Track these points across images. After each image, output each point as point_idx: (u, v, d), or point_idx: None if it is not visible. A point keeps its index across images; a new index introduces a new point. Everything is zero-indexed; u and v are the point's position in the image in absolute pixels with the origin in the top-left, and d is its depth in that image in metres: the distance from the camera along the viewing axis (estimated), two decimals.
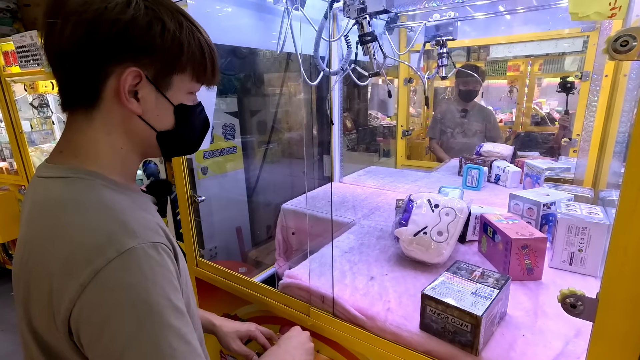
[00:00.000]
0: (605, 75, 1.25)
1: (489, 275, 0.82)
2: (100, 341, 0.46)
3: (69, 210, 0.51)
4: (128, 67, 0.52)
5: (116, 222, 0.49)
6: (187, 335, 0.50)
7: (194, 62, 0.57)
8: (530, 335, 0.75)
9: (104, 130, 0.56)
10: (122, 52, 0.51)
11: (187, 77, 0.58)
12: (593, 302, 0.53)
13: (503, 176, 1.70)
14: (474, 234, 1.16)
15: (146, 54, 0.53)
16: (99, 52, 0.51)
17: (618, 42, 0.45)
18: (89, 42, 0.50)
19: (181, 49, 0.55)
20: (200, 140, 0.68)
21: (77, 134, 0.56)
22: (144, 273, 0.47)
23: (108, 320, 0.45)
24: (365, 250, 1.15)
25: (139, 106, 0.55)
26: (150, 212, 0.60)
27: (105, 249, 0.47)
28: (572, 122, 2.02)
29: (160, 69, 0.55)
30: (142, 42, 0.52)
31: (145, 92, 0.55)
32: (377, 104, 3.79)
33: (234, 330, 0.90)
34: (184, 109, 0.60)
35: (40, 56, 2.08)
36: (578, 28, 1.71)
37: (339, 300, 0.90)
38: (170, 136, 0.60)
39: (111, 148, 0.57)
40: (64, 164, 0.55)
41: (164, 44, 0.53)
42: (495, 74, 3.47)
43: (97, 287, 0.45)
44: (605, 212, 0.98)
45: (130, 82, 0.53)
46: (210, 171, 2.12)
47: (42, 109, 2.81)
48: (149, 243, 0.49)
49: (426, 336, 0.77)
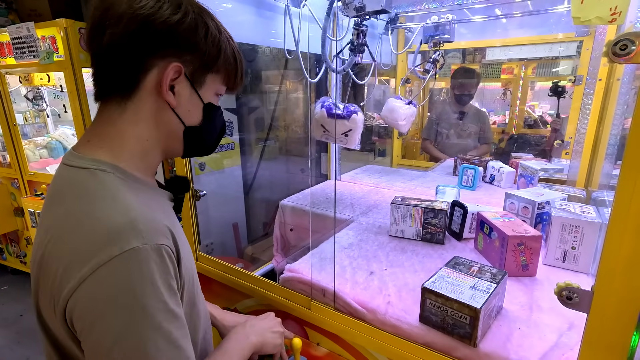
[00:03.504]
0: (599, 79, 1.29)
1: (486, 270, 0.84)
2: (91, 335, 0.47)
3: (84, 201, 0.52)
4: (171, 62, 0.56)
5: (125, 219, 0.50)
6: (178, 340, 0.50)
7: (227, 65, 0.62)
8: (526, 328, 0.78)
9: (134, 120, 0.58)
10: (169, 48, 0.56)
11: (219, 78, 0.63)
12: (588, 295, 0.56)
13: (498, 176, 1.73)
14: (470, 231, 1.18)
15: (189, 51, 0.57)
16: (148, 45, 0.55)
17: (617, 46, 0.47)
18: (141, 36, 0.54)
19: (219, 52, 0.60)
20: (218, 142, 0.71)
21: (106, 125, 0.58)
22: (142, 274, 0.48)
23: (100, 316, 0.47)
24: (364, 246, 1.17)
25: (174, 99, 0.58)
26: (164, 210, 0.61)
27: (109, 245, 0.48)
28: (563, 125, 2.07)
29: (198, 68, 0.59)
30: (187, 41, 0.56)
31: (182, 87, 0.59)
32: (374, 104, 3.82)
33: (235, 324, 0.90)
34: (211, 108, 0.64)
35: (36, 48, 2.05)
36: (572, 33, 1.75)
37: (340, 294, 0.91)
38: (196, 132, 0.63)
39: (136, 139, 0.58)
40: (88, 154, 0.56)
41: (207, 45, 0.58)
42: (489, 77, 3.52)
43: (95, 282, 0.46)
44: (598, 211, 1.01)
45: (171, 75, 0.56)
46: (207, 167, 2.12)
47: (37, 101, 2.77)
48: (153, 244, 0.50)
49: (426, 328, 0.79)
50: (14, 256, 2.86)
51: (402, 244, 1.18)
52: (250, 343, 0.75)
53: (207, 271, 1.21)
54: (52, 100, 2.90)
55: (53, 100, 2.90)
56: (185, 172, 1.18)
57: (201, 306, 0.67)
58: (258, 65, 2.43)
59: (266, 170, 2.51)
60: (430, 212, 1.17)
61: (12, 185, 2.65)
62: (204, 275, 1.23)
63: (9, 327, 2.35)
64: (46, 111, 2.95)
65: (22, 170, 2.52)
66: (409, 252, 1.13)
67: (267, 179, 2.53)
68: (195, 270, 0.66)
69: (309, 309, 0.96)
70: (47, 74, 2.54)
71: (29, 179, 2.51)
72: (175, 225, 0.60)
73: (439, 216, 1.16)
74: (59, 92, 2.63)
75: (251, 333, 0.77)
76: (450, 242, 1.20)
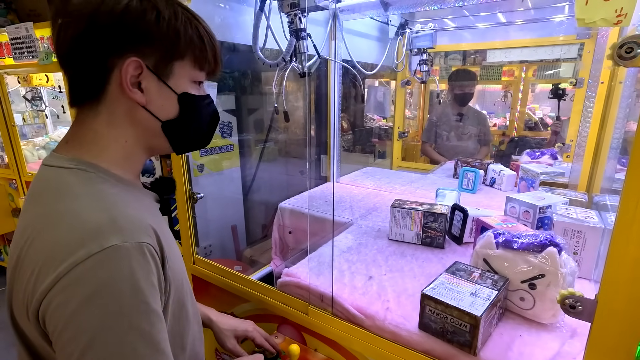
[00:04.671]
0: (601, 82, 1.28)
1: (487, 277, 0.83)
2: (64, 334, 0.45)
3: (63, 200, 0.51)
4: (128, 57, 0.52)
5: (105, 216, 0.49)
6: (158, 343, 0.49)
7: (194, 48, 0.57)
8: (527, 336, 0.76)
9: (109, 123, 0.56)
10: (121, 43, 0.52)
11: (188, 64, 0.58)
12: (592, 303, 0.54)
13: (498, 179, 1.72)
14: (470, 235, 1.17)
15: (144, 42, 0.53)
16: (100, 45, 0.52)
17: (623, 49, 0.46)
18: (90, 37, 0.51)
19: (177, 35, 0.55)
20: (210, 132, 0.67)
21: (83, 127, 0.57)
22: (121, 272, 0.46)
23: (75, 314, 0.44)
24: (363, 250, 1.16)
25: (142, 96, 0.55)
26: (148, 210, 0.60)
27: (88, 242, 0.46)
28: (564, 127, 2.06)
29: (160, 57, 0.55)
30: (137, 31, 0.52)
31: (148, 81, 0.55)
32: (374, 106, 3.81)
33: (231, 328, 0.89)
34: (188, 97, 0.60)
35: (35, 48, 2.04)
36: (573, 35, 1.74)
37: (338, 299, 0.90)
38: (176, 125, 0.60)
39: (115, 142, 0.57)
40: (68, 155, 0.55)
41: (160, 30, 0.53)
42: (490, 79, 3.51)
43: (71, 279, 0.45)
44: (600, 216, 1.00)
45: (131, 72, 0.53)
46: (206, 169, 2.11)
47: (35, 102, 2.76)
48: (134, 242, 0.48)
49: (425, 336, 0.78)
50: None
51: (401, 248, 1.17)
52: None
53: (204, 275, 1.20)
54: (50, 100, 2.89)
55: (52, 101, 2.90)
56: (182, 173, 1.17)
57: (190, 308, 0.65)
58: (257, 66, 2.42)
59: (265, 172, 2.50)
60: (430, 216, 1.15)
61: (10, 185, 2.64)
62: (202, 279, 1.21)
63: (7, 330, 2.32)
64: (45, 112, 2.95)
65: (20, 171, 2.51)
66: (408, 256, 1.11)
67: (266, 181, 2.52)
68: (185, 272, 0.65)
69: (307, 314, 0.94)
70: (46, 75, 2.54)
71: (27, 179, 2.50)
72: (161, 226, 0.58)
73: (439, 220, 1.15)
74: (58, 93, 2.62)
75: None
76: (451, 246, 1.18)
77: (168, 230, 0.63)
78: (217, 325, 0.88)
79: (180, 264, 0.63)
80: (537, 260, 0.78)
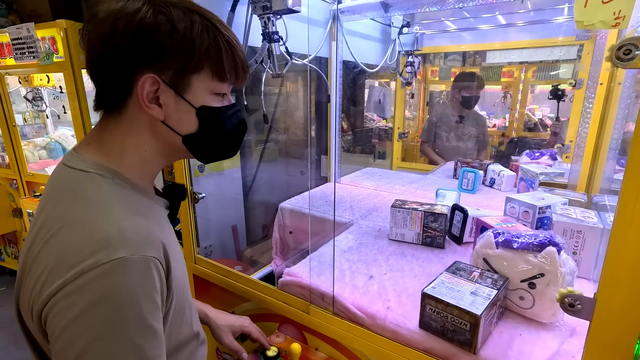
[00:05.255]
0: (600, 83, 1.29)
1: (487, 276, 0.83)
2: (60, 339, 0.46)
3: (79, 205, 0.51)
4: (145, 73, 0.53)
5: (116, 227, 0.49)
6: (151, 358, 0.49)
7: (211, 60, 0.56)
8: (527, 335, 0.77)
9: (130, 132, 0.57)
10: (137, 60, 0.53)
11: (207, 76, 0.57)
12: (591, 302, 0.55)
13: (498, 180, 1.73)
14: (470, 235, 1.18)
15: (159, 58, 0.53)
16: (117, 63, 0.53)
17: (621, 51, 0.47)
18: (108, 55, 0.52)
19: (192, 48, 0.53)
20: (237, 142, 0.66)
21: (104, 132, 0.58)
22: (124, 286, 0.47)
23: (74, 321, 0.45)
24: (363, 250, 1.17)
25: (160, 112, 0.56)
26: (158, 219, 0.60)
27: (97, 252, 0.47)
28: (563, 128, 2.07)
29: (176, 72, 0.54)
30: (151, 47, 0.52)
31: (166, 96, 0.55)
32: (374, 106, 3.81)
33: (228, 324, 0.90)
34: (207, 111, 0.59)
35: (36, 49, 2.05)
36: (573, 37, 1.75)
37: (339, 299, 0.90)
38: (197, 139, 0.59)
39: (135, 149, 0.58)
40: (89, 157, 0.56)
41: (174, 45, 0.52)
42: (489, 80, 3.52)
43: (76, 287, 0.45)
44: (599, 216, 1.01)
45: (148, 88, 0.53)
46: (207, 169, 2.12)
47: (36, 102, 2.76)
48: (141, 256, 0.49)
49: (425, 334, 0.78)
50: (12, 257, 2.84)
51: (402, 248, 1.17)
52: None
53: (205, 274, 1.20)
54: (51, 101, 2.89)
55: (53, 101, 2.90)
56: (184, 174, 1.17)
57: (188, 313, 0.66)
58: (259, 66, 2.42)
59: (266, 172, 2.51)
60: (431, 216, 1.16)
61: (10, 186, 2.64)
62: (202, 279, 1.22)
63: (7, 329, 2.34)
64: (46, 112, 2.95)
65: (21, 171, 2.51)
66: (408, 256, 1.12)
67: (267, 181, 2.53)
68: (187, 279, 0.65)
69: (308, 314, 0.95)
70: (47, 75, 2.54)
71: (28, 179, 2.51)
72: (169, 235, 0.59)
73: (439, 220, 1.15)
74: (59, 93, 2.63)
75: None
76: (451, 246, 1.19)
77: (174, 238, 0.63)
78: (214, 321, 0.89)
79: (183, 272, 0.64)
80: (536, 260, 0.79)
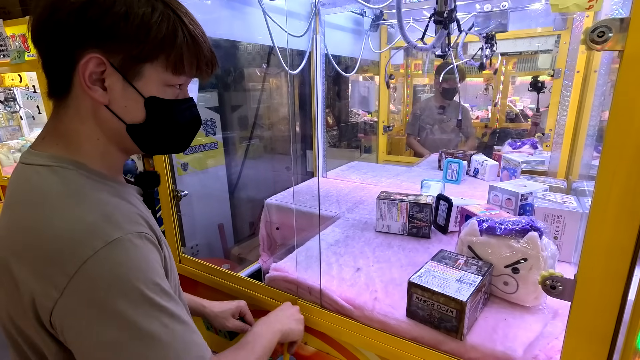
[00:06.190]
0: (577, 71, 1.31)
1: (472, 263, 0.84)
2: (91, 328, 0.45)
3: (51, 200, 0.49)
4: (91, 52, 0.49)
5: (99, 213, 0.49)
6: (181, 316, 0.51)
7: (168, 51, 0.52)
8: (512, 319, 0.78)
9: (78, 119, 0.54)
10: (83, 36, 0.49)
11: (161, 67, 0.53)
12: (571, 283, 0.56)
13: (481, 170, 1.75)
14: (455, 224, 1.19)
15: (109, 39, 0.49)
16: (61, 36, 0.49)
17: (595, 33, 0.47)
18: (52, 26, 0.49)
19: (147, 35, 0.50)
20: (187, 137, 0.63)
21: (57, 122, 0.55)
22: (132, 260, 0.48)
23: (100, 307, 0.45)
24: (350, 242, 1.16)
25: (104, 95, 0.52)
26: (133, 203, 0.59)
27: (90, 239, 0.46)
28: (543, 118, 2.12)
29: (127, 57, 0.51)
30: (101, 25, 0.48)
31: (112, 81, 0.51)
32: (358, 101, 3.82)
33: (225, 309, 0.91)
34: (157, 102, 0.55)
35: (7, 47, 1.97)
36: (550, 27, 1.78)
37: (327, 292, 0.90)
38: (142, 130, 0.56)
39: (88, 139, 0.55)
40: (46, 151, 0.54)
41: (128, 28, 0.49)
42: (471, 72, 3.56)
43: (85, 277, 0.45)
44: (579, 201, 1.03)
45: (92, 68, 0.50)
46: (190, 167, 2.08)
47: (9, 103, 2.66)
48: (134, 233, 0.50)
49: (413, 323, 0.79)
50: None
51: (388, 239, 1.18)
52: (277, 329, 0.77)
53: (192, 274, 1.18)
54: (25, 101, 2.79)
55: (26, 102, 2.80)
56: (165, 172, 1.15)
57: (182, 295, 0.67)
58: (240, 62, 2.39)
59: (251, 169, 2.48)
60: (416, 207, 1.16)
61: None
62: (189, 278, 1.20)
63: None
64: (19, 113, 2.84)
65: None
66: (395, 247, 1.12)
67: (252, 178, 2.50)
68: (173, 261, 0.65)
69: None
70: (19, 74, 2.44)
71: (3, 184, 2.42)
72: (149, 217, 0.59)
73: (424, 210, 1.16)
74: (32, 93, 2.53)
75: (276, 322, 0.79)
76: (436, 235, 1.20)
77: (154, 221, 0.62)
78: (212, 310, 0.89)
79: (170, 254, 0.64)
80: (519, 245, 0.80)
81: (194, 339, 0.52)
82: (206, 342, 0.55)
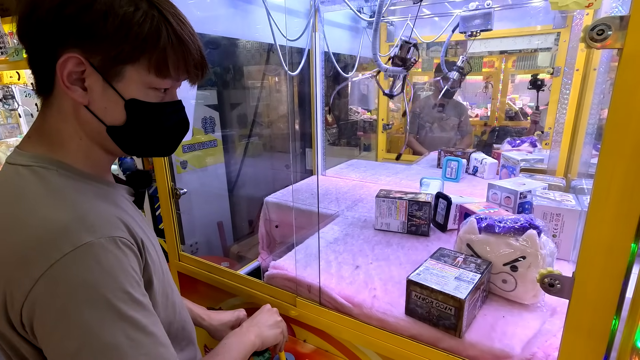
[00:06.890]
0: (576, 69, 1.31)
1: (471, 261, 0.84)
2: (54, 335, 0.45)
3: (25, 200, 0.49)
4: (70, 51, 0.48)
5: (73, 214, 0.48)
6: (148, 327, 0.49)
7: (150, 52, 0.50)
8: (510, 317, 0.79)
9: (61, 118, 0.54)
10: (63, 35, 0.48)
11: (143, 69, 0.51)
12: (570, 281, 0.56)
13: (481, 168, 1.75)
14: (454, 222, 1.19)
15: (89, 38, 0.48)
16: (43, 34, 0.49)
17: (594, 31, 0.47)
18: (32, 22, 0.49)
19: (127, 36, 0.48)
20: (172, 141, 0.61)
21: (42, 121, 0.55)
22: (101, 266, 0.46)
23: (63, 314, 0.44)
24: (349, 240, 1.17)
25: (84, 95, 0.51)
26: (117, 204, 0.57)
27: (60, 242, 0.45)
28: (542, 117, 2.12)
29: (107, 57, 0.49)
30: (79, 24, 0.47)
31: (92, 81, 0.50)
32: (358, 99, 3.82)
33: (225, 322, 0.90)
34: (138, 105, 0.53)
35: (4, 44, 1.96)
36: (550, 25, 1.78)
37: (326, 289, 0.90)
38: (123, 133, 0.55)
39: (71, 138, 0.55)
40: (30, 150, 0.53)
41: (107, 28, 0.47)
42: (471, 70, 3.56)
43: (50, 281, 0.44)
44: (577, 199, 1.03)
45: (70, 68, 0.49)
46: (190, 165, 2.08)
47: (7, 101, 2.65)
48: (107, 237, 0.48)
49: (412, 321, 0.79)
50: None
51: (387, 237, 1.18)
52: (249, 340, 0.76)
53: (191, 271, 1.18)
54: (23, 99, 2.78)
55: (25, 99, 2.79)
56: (164, 169, 1.15)
57: (177, 299, 0.65)
58: (239, 60, 2.39)
59: (250, 167, 2.48)
60: (415, 205, 1.16)
61: None
62: (188, 276, 1.20)
63: None
64: (18, 111, 2.83)
65: None
66: (394, 245, 1.12)
67: (252, 176, 2.50)
68: (165, 263, 0.64)
69: (295, 306, 0.94)
70: (17, 72, 2.44)
71: None
72: (135, 218, 0.57)
73: (423, 208, 1.16)
74: (31, 91, 2.52)
75: (248, 332, 0.78)
76: (435, 233, 1.20)
77: (143, 221, 0.61)
78: (211, 324, 0.88)
79: (160, 254, 0.63)
80: (518, 243, 0.80)
81: (160, 352, 0.49)
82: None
